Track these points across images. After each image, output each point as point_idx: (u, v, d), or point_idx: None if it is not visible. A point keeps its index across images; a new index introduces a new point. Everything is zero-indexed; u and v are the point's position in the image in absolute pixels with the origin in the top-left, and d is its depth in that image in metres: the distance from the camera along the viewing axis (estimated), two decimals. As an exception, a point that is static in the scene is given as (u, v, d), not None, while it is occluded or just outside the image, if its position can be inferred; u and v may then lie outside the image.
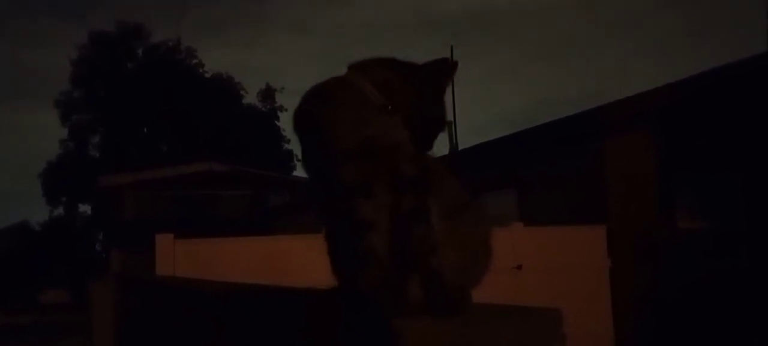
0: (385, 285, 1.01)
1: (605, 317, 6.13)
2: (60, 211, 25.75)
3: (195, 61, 27.08)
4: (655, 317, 6.43)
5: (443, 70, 1.20)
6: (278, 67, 42.30)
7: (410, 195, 1.03)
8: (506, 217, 7.00)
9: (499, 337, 0.98)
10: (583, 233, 6.19)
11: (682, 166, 7.11)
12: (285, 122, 27.16)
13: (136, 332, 4.14)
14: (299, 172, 24.03)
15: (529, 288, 5.41)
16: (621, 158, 7.05)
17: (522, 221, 6.23)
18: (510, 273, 5.43)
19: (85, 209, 25.84)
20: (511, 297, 5.18)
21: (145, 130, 25.64)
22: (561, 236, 6.03)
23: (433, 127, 1.16)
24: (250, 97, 27.36)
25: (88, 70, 25.29)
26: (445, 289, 1.02)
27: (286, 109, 26.91)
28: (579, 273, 5.88)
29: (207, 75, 26.98)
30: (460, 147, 11.31)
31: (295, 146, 26.91)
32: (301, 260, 4.24)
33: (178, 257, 4.53)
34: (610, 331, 6.17)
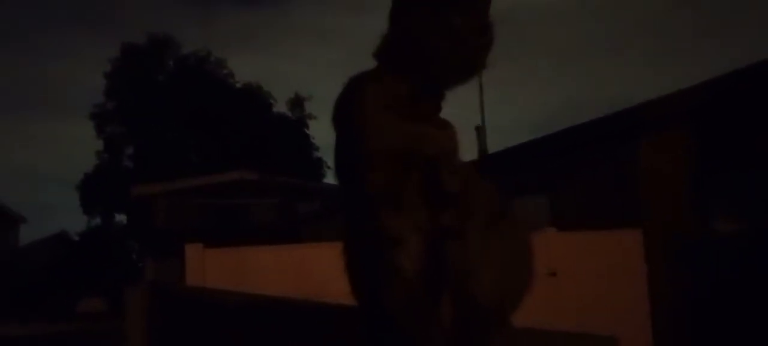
0: (413, 307, 0.91)
1: (643, 323, 5.96)
2: (97, 221, 26.30)
3: (225, 71, 27.46)
4: (694, 322, 6.23)
5: None
6: (307, 76, 42.61)
7: (449, 212, 0.93)
8: (538, 223, 6.88)
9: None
10: (618, 238, 6.04)
11: (719, 167, 6.90)
12: (314, 130, 27.33)
13: (166, 342, 4.14)
14: (329, 179, 24.15)
15: (565, 295, 5.28)
16: (655, 160, 6.88)
17: (554, 226, 6.10)
18: (544, 280, 5.31)
19: (121, 218, 26.35)
20: (546, 305, 5.07)
21: (177, 140, 26.03)
22: (596, 242, 5.89)
23: (480, 47, 0.98)
24: (280, 106, 27.64)
25: (121, 82, 25.82)
26: (480, 315, 0.93)
27: (315, 117, 27.09)
28: (615, 279, 5.73)
29: (237, 85, 27.32)
30: (489, 151, 11.19)
31: (324, 154, 27.06)
32: (331, 269, 4.19)
33: (208, 267, 4.54)
34: (648, 338, 5.99)
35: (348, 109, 0.99)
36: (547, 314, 5.05)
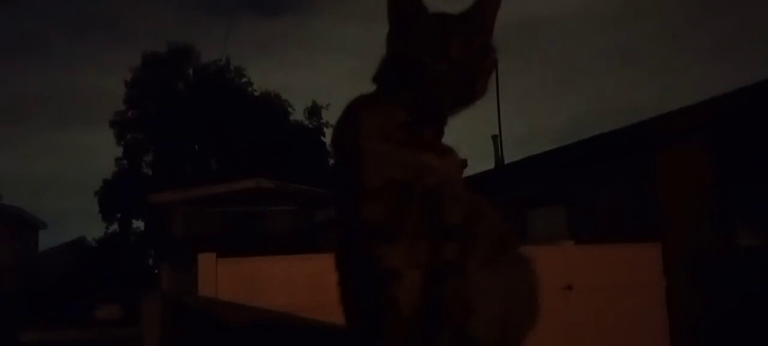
0: (410, 345, 0.87)
1: (661, 339, 5.85)
2: (115, 227, 26.53)
3: (244, 80, 27.67)
4: (714, 338, 6.10)
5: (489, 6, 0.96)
6: (325, 85, 42.81)
7: (450, 245, 0.89)
8: (555, 234, 6.79)
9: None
10: (636, 251, 5.94)
11: (740, 179, 6.78)
12: (330, 139, 27.47)
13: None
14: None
15: (581, 310, 5.20)
16: (675, 172, 6.78)
17: (571, 239, 6.02)
18: (560, 294, 5.23)
19: (138, 225, 26.56)
20: (562, 319, 4.99)
21: (196, 147, 26.23)
22: (613, 255, 5.80)
23: (480, 70, 0.93)
24: (297, 115, 27.78)
25: (141, 90, 26.10)
26: None
27: (331, 126, 27.15)
28: (633, 293, 5.63)
29: (255, 93, 27.50)
30: (506, 161, 11.11)
31: (340, 162, 27.09)
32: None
33: (221, 277, 4.53)
34: (667, 354, 5.88)
35: (344, 137, 0.95)
36: (563, 328, 4.97)
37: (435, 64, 0.90)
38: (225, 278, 4.51)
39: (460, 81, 0.90)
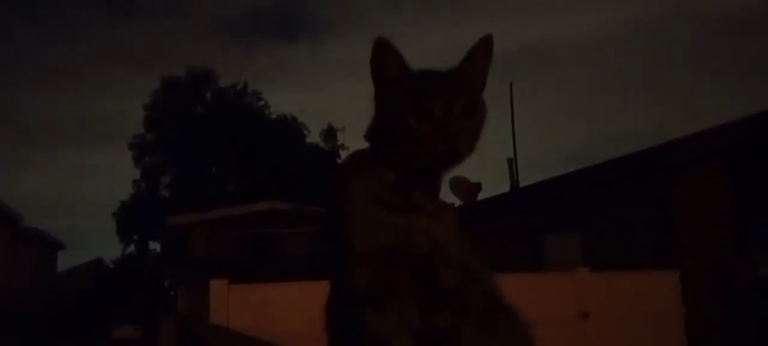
0: None
1: (681, 368, 5.73)
2: (132, 248, 26.74)
3: (261, 103, 27.94)
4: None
5: (481, 55, 0.95)
6: (340, 107, 43.08)
7: (443, 312, 0.86)
8: (570, 260, 6.72)
9: None
10: (654, 279, 5.85)
11: (762, 206, 6.66)
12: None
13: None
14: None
15: (597, 338, 5.12)
16: (694, 198, 6.68)
17: (587, 265, 5.95)
18: (575, 322, 5.16)
19: (155, 246, 26.75)
20: (576, 348, 4.91)
21: (214, 170, 26.45)
22: (630, 282, 5.71)
23: (466, 131, 0.91)
24: (313, 137, 27.96)
25: (160, 114, 26.44)
26: None
27: (347, 148, 27.28)
28: (651, 322, 5.53)
29: (272, 116, 27.74)
30: (522, 184, 11.04)
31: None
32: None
33: (233, 304, 4.52)
34: (686, 384, 5.76)
35: (334, 201, 0.94)
36: (578, 357, 4.89)
37: (418, 124, 0.88)
38: (236, 305, 4.50)
39: (445, 140, 0.88)
